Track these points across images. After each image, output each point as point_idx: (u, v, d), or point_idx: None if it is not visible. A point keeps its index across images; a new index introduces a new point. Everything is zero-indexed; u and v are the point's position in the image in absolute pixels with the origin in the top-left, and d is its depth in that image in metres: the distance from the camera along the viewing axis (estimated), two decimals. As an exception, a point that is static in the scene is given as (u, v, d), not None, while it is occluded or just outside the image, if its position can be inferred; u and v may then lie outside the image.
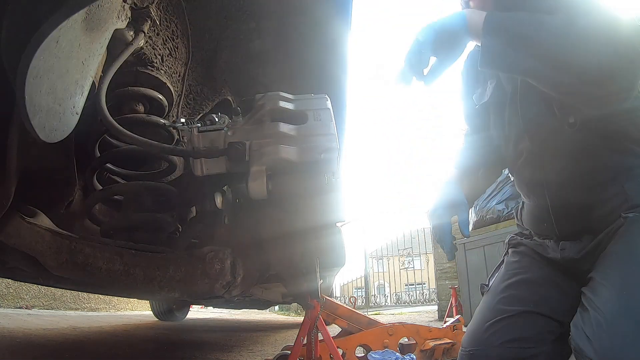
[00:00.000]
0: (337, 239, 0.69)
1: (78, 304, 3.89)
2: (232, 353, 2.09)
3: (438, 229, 0.97)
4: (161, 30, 0.93)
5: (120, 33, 0.80)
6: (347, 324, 1.68)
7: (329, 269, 0.74)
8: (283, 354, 1.47)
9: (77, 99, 0.66)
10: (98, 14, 0.65)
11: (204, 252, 0.73)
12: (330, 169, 0.63)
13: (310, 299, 1.16)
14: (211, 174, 0.68)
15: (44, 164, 0.80)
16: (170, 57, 0.99)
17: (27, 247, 0.74)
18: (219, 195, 0.77)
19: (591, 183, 0.81)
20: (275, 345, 2.41)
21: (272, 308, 7.56)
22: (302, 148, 0.64)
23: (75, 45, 0.60)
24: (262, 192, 0.62)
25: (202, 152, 0.66)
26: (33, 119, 0.55)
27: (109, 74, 0.74)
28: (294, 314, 6.63)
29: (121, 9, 0.76)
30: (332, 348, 1.35)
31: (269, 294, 1.96)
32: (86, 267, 0.73)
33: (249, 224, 0.74)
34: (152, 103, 0.97)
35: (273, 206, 0.66)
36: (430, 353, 1.71)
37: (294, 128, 0.66)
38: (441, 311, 4.34)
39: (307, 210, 0.64)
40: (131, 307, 4.86)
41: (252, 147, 0.64)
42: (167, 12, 0.93)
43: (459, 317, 1.95)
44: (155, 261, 0.74)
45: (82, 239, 0.75)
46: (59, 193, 0.87)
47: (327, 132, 0.66)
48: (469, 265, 3.41)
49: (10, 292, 3.19)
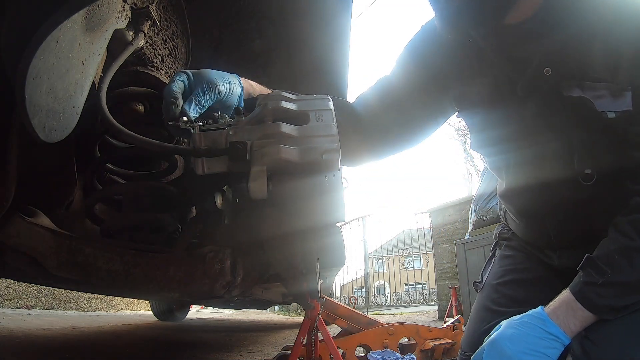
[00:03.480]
0: (337, 239, 0.68)
1: (78, 304, 3.89)
2: (232, 353, 2.09)
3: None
4: (161, 30, 0.93)
5: (120, 33, 0.80)
6: (347, 324, 1.68)
7: (329, 269, 0.74)
8: (283, 354, 1.47)
9: (77, 99, 0.66)
10: (98, 14, 0.65)
11: (204, 252, 0.74)
12: (332, 169, 0.63)
13: (310, 299, 1.15)
14: (212, 173, 0.68)
15: (44, 164, 0.80)
16: (170, 57, 0.99)
17: (27, 247, 0.74)
18: (219, 195, 0.77)
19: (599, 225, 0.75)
20: (275, 345, 2.41)
21: (272, 308, 7.55)
22: (304, 149, 0.64)
23: (75, 45, 0.60)
24: (262, 192, 0.62)
25: (204, 151, 0.66)
26: (33, 119, 0.55)
27: (109, 74, 0.74)
28: (294, 314, 6.63)
29: (121, 9, 0.76)
30: (332, 348, 1.35)
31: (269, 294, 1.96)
32: (86, 267, 0.73)
33: (249, 224, 0.74)
34: (152, 103, 0.97)
35: (273, 206, 0.66)
36: (430, 353, 1.71)
37: (296, 128, 0.66)
38: (441, 311, 4.34)
39: (308, 211, 0.64)
40: (131, 307, 4.85)
41: (254, 147, 0.64)
42: (167, 12, 0.93)
43: (459, 317, 1.95)
44: (155, 261, 0.74)
45: (82, 239, 0.75)
46: (59, 193, 0.87)
47: (328, 133, 0.66)
48: (469, 265, 3.41)
49: (10, 292, 3.19)
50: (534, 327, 0.65)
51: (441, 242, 4.67)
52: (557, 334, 0.64)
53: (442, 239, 4.67)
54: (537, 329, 0.65)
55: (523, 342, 0.64)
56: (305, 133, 0.66)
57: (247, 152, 0.63)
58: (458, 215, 4.49)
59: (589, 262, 0.68)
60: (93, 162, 0.91)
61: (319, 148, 0.64)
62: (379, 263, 10.99)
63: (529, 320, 0.67)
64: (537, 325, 0.65)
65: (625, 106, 0.66)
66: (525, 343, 0.64)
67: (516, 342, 0.64)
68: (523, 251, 0.96)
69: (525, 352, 0.63)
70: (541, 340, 0.64)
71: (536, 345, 0.63)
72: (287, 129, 0.66)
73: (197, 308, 7.01)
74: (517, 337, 0.65)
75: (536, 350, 0.63)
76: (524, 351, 0.63)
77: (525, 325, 0.66)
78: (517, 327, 0.66)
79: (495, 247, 1.05)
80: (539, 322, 0.66)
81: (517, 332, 0.66)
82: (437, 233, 4.79)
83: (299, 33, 1.09)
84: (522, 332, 0.65)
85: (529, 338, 0.64)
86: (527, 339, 0.64)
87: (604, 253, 0.68)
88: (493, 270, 0.98)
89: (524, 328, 0.66)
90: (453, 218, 4.58)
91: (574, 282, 0.69)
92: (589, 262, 0.68)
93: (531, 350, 0.63)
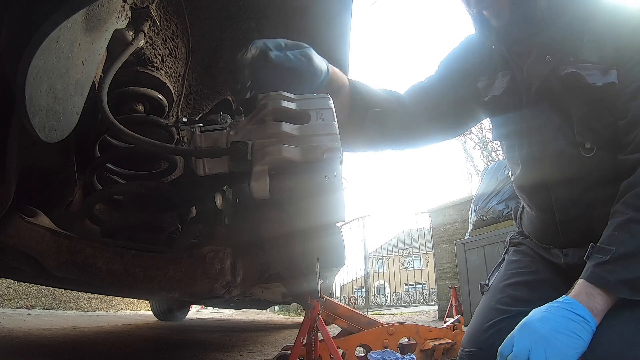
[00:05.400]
0: (337, 239, 0.68)
1: (78, 304, 3.89)
2: (232, 353, 2.09)
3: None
4: (161, 30, 0.93)
5: (120, 33, 0.80)
6: (347, 324, 1.68)
7: (329, 268, 0.74)
8: (283, 354, 1.47)
9: (77, 99, 0.66)
10: (98, 14, 0.65)
11: (204, 252, 0.73)
12: (333, 169, 0.63)
13: (310, 299, 1.16)
14: (213, 173, 0.68)
15: (44, 164, 0.80)
16: (170, 57, 0.99)
17: (27, 247, 0.74)
18: (219, 195, 0.77)
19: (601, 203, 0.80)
20: (275, 345, 2.41)
21: (272, 308, 7.55)
22: (305, 148, 0.64)
23: (75, 45, 0.60)
24: (264, 192, 0.62)
25: (205, 151, 0.66)
26: (33, 119, 0.55)
27: (109, 74, 0.74)
28: (294, 314, 6.63)
29: (121, 9, 0.76)
30: (332, 348, 1.35)
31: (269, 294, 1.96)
32: (86, 267, 0.73)
33: (249, 224, 0.74)
34: (152, 103, 0.97)
35: (273, 206, 0.66)
36: (430, 353, 1.71)
37: (297, 128, 0.66)
38: (441, 311, 4.35)
39: (308, 210, 0.64)
40: (131, 307, 4.86)
41: (255, 147, 0.64)
42: (167, 12, 0.93)
43: (459, 317, 1.95)
44: (155, 261, 0.74)
45: (82, 239, 0.75)
46: (59, 193, 0.87)
47: (329, 132, 0.66)
48: (469, 265, 3.41)
49: (10, 292, 3.19)
50: (562, 309, 0.66)
51: (441, 242, 4.67)
52: (584, 315, 0.64)
53: (442, 239, 4.67)
54: (565, 311, 0.65)
55: (554, 322, 0.64)
56: (307, 132, 0.66)
57: (248, 152, 0.63)
58: (458, 215, 4.50)
59: (593, 249, 0.71)
60: (93, 162, 0.91)
61: (320, 147, 0.64)
62: (379, 263, 10.99)
63: (557, 305, 0.67)
64: (566, 308, 0.66)
65: (611, 79, 0.76)
66: (557, 323, 0.64)
67: (548, 322, 0.64)
68: (530, 255, 0.99)
69: (558, 331, 0.63)
70: (572, 321, 0.64)
71: (568, 326, 0.64)
72: (288, 128, 0.66)
73: (197, 308, 7.02)
74: (548, 318, 0.65)
75: (569, 329, 0.63)
76: (557, 329, 0.63)
77: (554, 308, 0.67)
78: (546, 311, 0.67)
79: (505, 253, 1.08)
80: (566, 306, 0.66)
81: (547, 314, 0.66)
82: (437, 233, 4.80)
83: (299, 33, 1.08)
84: (552, 314, 0.66)
85: (560, 319, 0.64)
86: (558, 319, 0.64)
87: (605, 236, 0.71)
88: (500, 274, 0.99)
89: (553, 310, 0.66)
90: (453, 218, 4.59)
91: (584, 271, 0.70)
92: (593, 249, 0.71)
93: (564, 329, 0.63)
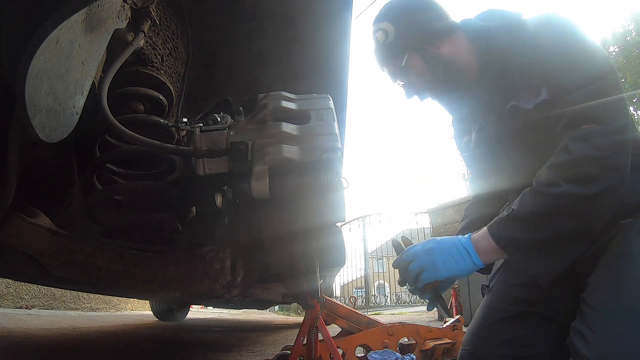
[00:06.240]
0: (337, 239, 0.68)
1: (78, 304, 3.89)
2: (232, 353, 2.09)
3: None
4: (161, 30, 0.93)
5: (120, 33, 0.79)
6: (347, 324, 1.68)
7: (329, 268, 0.74)
8: (283, 354, 1.47)
9: (77, 99, 0.66)
10: (98, 14, 0.65)
11: (204, 252, 0.73)
12: (333, 169, 0.63)
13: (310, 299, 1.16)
14: (213, 173, 0.68)
15: (44, 164, 0.80)
16: (170, 57, 0.99)
17: (27, 247, 0.74)
18: (219, 195, 0.77)
19: None
20: (275, 345, 2.41)
21: (272, 308, 7.56)
22: (305, 148, 0.64)
23: (75, 45, 0.60)
24: (264, 191, 0.62)
25: (205, 151, 0.66)
26: (33, 119, 0.55)
27: (109, 74, 0.74)
28: (294, 314, 6.63)
29: (121, 9, 0.76)
30: (332, 348, 1.35)
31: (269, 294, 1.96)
32: (86, 267, 0.73)
33: (249, 224, 0.74)
34: (152, 103, 0.97)
35: (273, 206, 0.66)
36: (430, 353, 1.71)
37: (297, 128, 0.66)
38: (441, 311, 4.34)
39: (308, 210, 0.64)
40: (131, 307, 4.86)
41: (255, 147, 0.64)
42: (167, 12, 0.93)
43: (459, 317, 1.94)
44: (155, 261, 0.74)
45: (82, 239, 0.75)
46: (59, 193, 0.87)
47: (329, 132, 0.66)
48: (468, 265, 3.40)
49: (10, 292, 3.19)
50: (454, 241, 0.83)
51: (441, 242, 4.66)
52: (468, 249, 0.80)
53: (442, 239, 4.66)
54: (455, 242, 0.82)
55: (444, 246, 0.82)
56: (307, 132, 0.66)
57: (248, 152, 0.63)
58: (458, 215, 4.49)
59: (506, 205, 0.84)
60: (93, 162, 0.91)
61: (320, 147, 0.64)
62: (379, 263, 10.99)
63: (455, 237, 0.84)
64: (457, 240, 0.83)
65: (542, 97, 0.83)
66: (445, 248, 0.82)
67: (440, 243, 0.83)
68: None
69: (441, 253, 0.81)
70: (455, 249, 0.81)
71: (451, 252, 0.82)
72: (288, 128, 0.66)
73: (197, 308, 7.02)
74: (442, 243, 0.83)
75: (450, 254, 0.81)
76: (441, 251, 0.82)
77: (451, 239, 0.84)
78: (446, 239, 0.84)
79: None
80: (460, 240, 0.83)
81: (444, 241, 0.84)
82: (437, 233, 4.80)
83: (299, 33, 1.08)
84: (446, 242, 0.83)
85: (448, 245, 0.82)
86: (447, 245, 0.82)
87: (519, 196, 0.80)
88: (501, 275, 1.00)
89: (449, 239, 0.84)
90: (453, 218, 4.59)
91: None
92: (506, 205, 0.84)
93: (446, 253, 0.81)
